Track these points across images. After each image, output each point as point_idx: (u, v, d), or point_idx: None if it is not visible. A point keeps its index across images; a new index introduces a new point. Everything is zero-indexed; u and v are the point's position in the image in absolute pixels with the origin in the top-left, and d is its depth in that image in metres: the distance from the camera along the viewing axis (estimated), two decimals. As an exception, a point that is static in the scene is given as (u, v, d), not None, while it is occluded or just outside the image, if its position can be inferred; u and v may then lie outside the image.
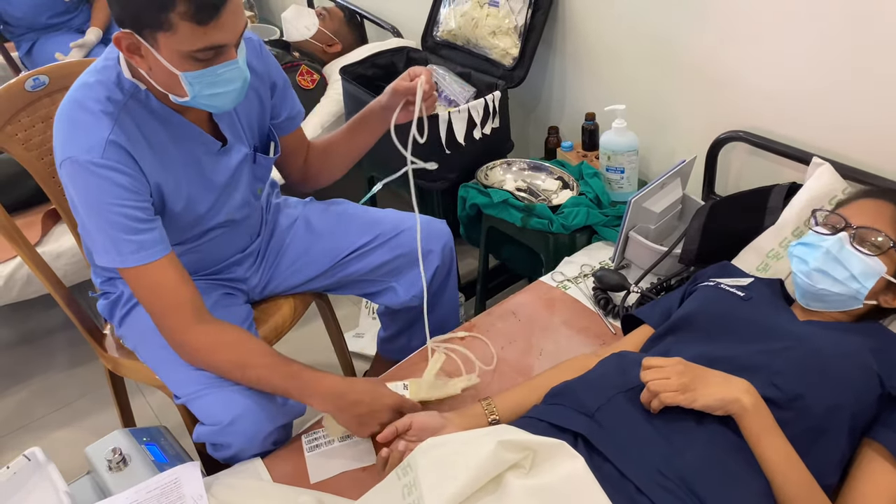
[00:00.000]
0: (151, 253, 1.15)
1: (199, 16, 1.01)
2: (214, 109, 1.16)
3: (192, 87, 1.09)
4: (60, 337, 2.28)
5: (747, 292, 1.18)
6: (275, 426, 1.21)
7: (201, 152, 1.25)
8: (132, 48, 1.07)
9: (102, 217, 1.12)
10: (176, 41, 1.03)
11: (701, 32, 1.67)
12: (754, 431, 0.95)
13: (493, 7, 2.05)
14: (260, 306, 1.53)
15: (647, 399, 0.99)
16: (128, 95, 1.15)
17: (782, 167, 1.62)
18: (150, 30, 1.03)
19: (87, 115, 1.12)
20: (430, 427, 1.10)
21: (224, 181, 1.29)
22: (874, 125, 1.44)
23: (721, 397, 0.95)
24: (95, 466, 1.22)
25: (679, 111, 1.81)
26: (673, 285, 1.50)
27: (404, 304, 1.55)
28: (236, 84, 1.13)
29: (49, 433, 1.95)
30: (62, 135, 1.13)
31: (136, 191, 1.14)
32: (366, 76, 2.16)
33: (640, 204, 1.56)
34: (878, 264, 1.08)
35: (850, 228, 1.10)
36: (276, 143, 1.40)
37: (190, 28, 1.02)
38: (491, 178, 1.90)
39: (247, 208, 1.40)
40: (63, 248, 1.90)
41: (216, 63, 1.08)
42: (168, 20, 1.01)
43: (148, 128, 1.17)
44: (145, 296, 1.18)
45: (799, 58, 1.51)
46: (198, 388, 1.21)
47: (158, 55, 1.05)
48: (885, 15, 1.34)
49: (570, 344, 1.43)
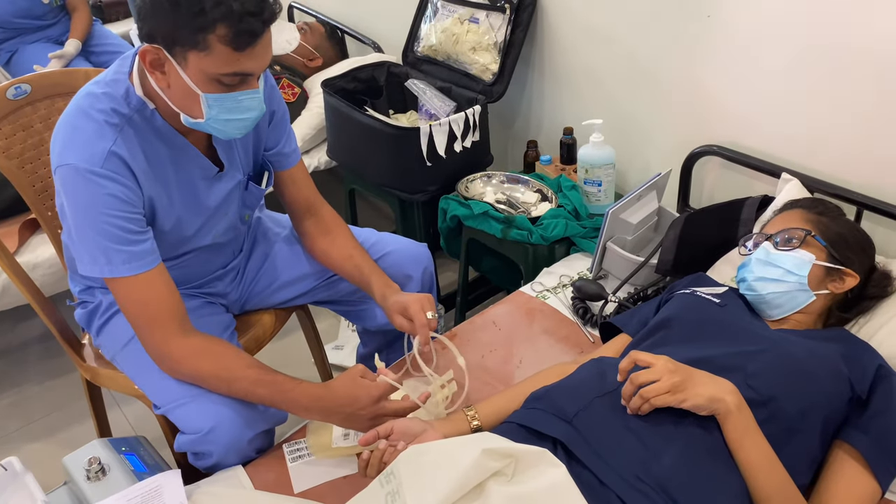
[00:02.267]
0: (142, 264, 1.15)
1: (237, 41, 1.03)
2: (223, 135, 1.17)
3: (210, 110, 1.10)
4: (34, 350, 2.25)
5: (722, 299, 1.22)
6: (254, 433, 1.21)
7: (198, 176, 1.25)
8: (155, 63, 1.08)
9: (95, 226, 1.12)
10: (207, 63, 1.05)
11: (676, 50, 1.72)
12: (737, 432, 0.97)
13: (474, 24, 2.09)
14: (241, 317, 1.53)
15: (636, 405, 0.99)
16: (134, 110, 1.15)
17: (754, 180, 1.66)
18: (183, 48, 1.04)
19: (91, 124, 1.12)
20: (411, 431, 1.10)
21: (215, 205, 1.30)
22: (841, 140, 1.49)
23: (709, 396, 0.96)
24: (73, 476, 1.20)
25: (655, 126, 1.86)
26: (650, 295, 1.53)
27: (380, 328, 1.56)
28: (253, 114, 1.14)
29: (23, 446, 1.91)
30: (63, 140, 1.12)
31: (131, 202, 1.14)
32: (347, 90, 2.18)
33: (618, 215, 1.59)
34: (805, 254, 1.17)
35: (770, 238, 1.22)
36: (269, 173, 1.40)
37: (226, 52, 1.04)
38: (471, 191, 1.92)
39: (232, 232, 1.41)
40: (40, 258, 1.88)
41: (239, 90, 1.10)
42: (205, 41, 1.02)
43: (149, 145, 1.17)
44: (131, 307, 1.18)
45: (771, 76, 1.56)
46: (177, 398, 1.21)
47: (184, 73, 1.07)
48: (851, 38, 1.40)
49: (550, 352, 1.45)
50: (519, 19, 1.99)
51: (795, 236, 1.19)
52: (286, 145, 1.39)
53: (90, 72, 1.50)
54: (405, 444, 1.07)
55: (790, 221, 1.24)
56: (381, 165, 1.99)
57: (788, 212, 1.28)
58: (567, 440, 1.00)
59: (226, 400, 1.19)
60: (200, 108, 1.10)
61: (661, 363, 0.98)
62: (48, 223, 1.48)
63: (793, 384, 1.03)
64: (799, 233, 1.19)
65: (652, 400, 0.97)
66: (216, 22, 1.01)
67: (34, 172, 1.45)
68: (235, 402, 1.20)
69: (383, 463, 1.07)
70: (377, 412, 1.15)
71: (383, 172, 2.00)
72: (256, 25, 1.04)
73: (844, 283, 1.18)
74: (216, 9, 1.00)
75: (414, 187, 1.96)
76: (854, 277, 1.18)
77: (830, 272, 1.18)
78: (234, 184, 1.32)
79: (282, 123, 1.37)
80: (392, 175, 1.97)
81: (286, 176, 1.42)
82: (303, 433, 1.28)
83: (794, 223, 1.22)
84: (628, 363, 1.01)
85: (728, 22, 1.59)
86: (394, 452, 1.07)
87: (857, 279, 1.19)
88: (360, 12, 2.70)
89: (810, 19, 1.45)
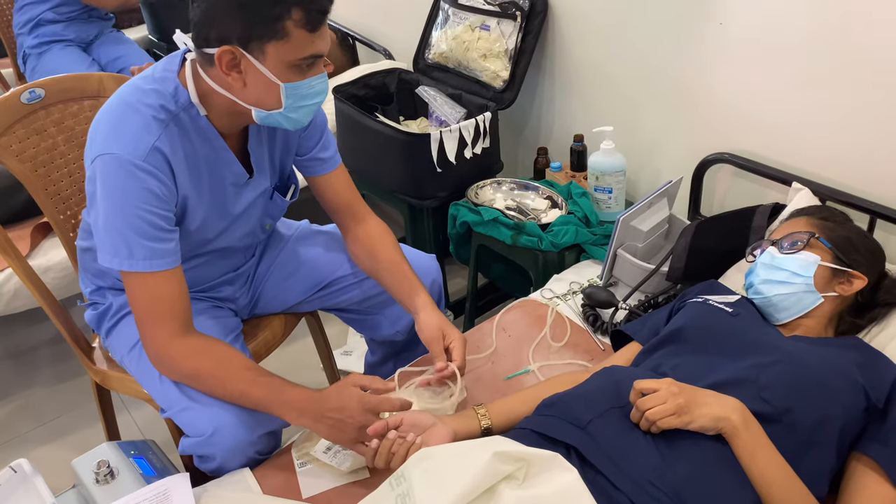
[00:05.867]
0: (162, 262, 1.16)
1: (312, 22, 1.08)
2: (292, 124, 1.19)
3: (288, 99, 1.13)
4: (44, 353, 2.26)
5: (735, 308, 1.21)
6: (255, 436, 1.20)
7: (228, 181, 1.27)
8: (231, 64, 1.10)
9: (126, 218, 1.12)
10: (287, 50, 1.08)
11: (688, 57, 1.72)
12: (747, 448, 0.96)
13: (485, 31, 2.09)
14: (251, 321, 1.53)
15: (645, 427, 0.99)
16: (181, 108, 1.17)
17: (766, 188, 1.66)
18: (261, 41, 1.07)
19: (138, 117, 1.13)
20: (420, 424, 1.10)
21: (239, 212, 1.31)
22: (854, 149, 1.48)
23: (714, 416, 0.97)
24: (82, 479, 1.20)
25: (666, 133, 1.85)
26: (660, 302, 1.52)
27: (387, 339, 1.56)
28: (321, 97, 1.19)
29: (33, 449, 1.92)
30: (106, 130, 1.14)
31: (166, 199, 1.15)
32: (358, 96, 2.19)
33: (629, 222, 1.58)
34: (810, 255, 1.18)
35: (772, 244, 1.24)
36: (296, 186, 1.42)
37: (302, 35, 1.08)
38: (481, 197, 1.92)
39: (250, 238, 1.41)
40: (52, 262, 1.89)
41: (311, 75, 1.14)
42: (284, 28, 1.06)
43: (190, 144, 1.19)
44: (141, 303, 1.18)
45: (784, 84, 1.56)
46: (182, 401, 1.21)
47: (263, 67, 1.09)
48: (865, 47, 1.39)
49: (560, 359, 1.44)
50: (530, 27, 1.99)
51: (799, 239, 1.21)
52: (322, 150, 1.40)
53: (104, 77, 1.52)
54: (414, 435, 1.07)
55: (795, 227, 1.25)
56: (392, 171, 1.99)
57: (794, 219, 1.29)
58: (581, 446, 0.99)
59: (227, 404, 1.19)
60: (278, 99, 1.13)
61: (664, 387, 0.99)
62: (60, 227, 1.49)
63: (807, 395, 1.01)
64: (802, 236, 1.21)
65: (658, 423, 0.97)
66: (291, 7, 1.05)
67: (47, 176, 1.46)
68: (236, 406, 1.19)
69: (391, 453, 1.07)
70: (366, 422, 1.12)
71: (393, 178, 2.00)
72: (326, 2, 1.09)
73: (852, 284, 1.18)
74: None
75: (424, 193, 1.96)
76: (862, 279, 1.18)
77: (837, 273, 1.18)
78: (259, 192, 1.33)
79: (317, 129, 1.39)
80: (402, 181, 1.98)
81: (325, 181, 1.43)
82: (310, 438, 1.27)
83: (798, 228, 1.24)
84: (635, 395, 1.01)
85: (740, 29, 1.59)
86: (403, 443, 1.06)
87: (865, 281, 1.18)
88: (372, 20, 2.71)
89: (824, 28, 1.45)
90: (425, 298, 1.35)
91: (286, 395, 1.16)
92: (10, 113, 1.39)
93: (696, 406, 0.97)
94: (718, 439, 0.98)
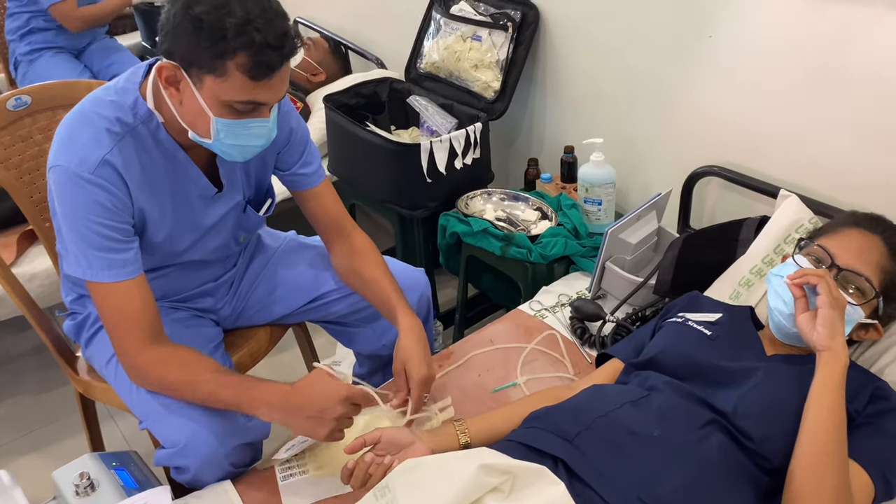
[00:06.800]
0: (121, 272, 1.15)
1: (255, 72, 1.04)
2: (228, 157, 1.17)
3: (219, 133, 1.11)
4: (28, 361, 2.24)
5: (714, 330, 1.19)
6: (228, 448, 1.19)
7: (195, 194, 1.25)
8: (171, 80, 1.09)
9: (78, 230, 1.12)
10: (223, 88, 1.06)
11: (678, 71, 1.72)
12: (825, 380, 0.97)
13: (476, 41, 2.09)
14: (236, 332, 1.52)
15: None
16: (139, 121, 1.15)
17: (754, 201, 1.66)
18: (200, 70, 1.05)
19: (91, 130, 1.12)
20: (399, 442, 1.09)
21: (210, 224, 1.30)
22: (841, 163, 1.49)
23: (841, 339, 0.99)
24: (62, 491, 1.19)
25: (656, 145, 1.85)
26: (648, 315, 1.52)
27: (373, 353, 1.55)
28: (260, 141, 1.15)
29: (15, 459, 1.90)
30: (61, 141, 1.13)
31: (118, 211, 1.14)
32: (349, 105, 2.18)
33: (617, 235, 1.58)
34: (859, 312, 1.07)
35: (834, 268, 1.08)
36: (272, 201, 1.40)
37: (242, 80, 1.05)
38: (471, 208, 1.92)
39: (224, 251, 1.40)
40: (37, 269, 1.87)
41: (250, 117, 1.11)
42: (223, 67, 1.03)
43: (149, 157, 1.18)
44: (107, 313, 1.17)
45: (772, 97, 1.56)
46: (156, 411, 1.20)
47: (198, 94, 1.07)
48: (852, 60, 1.40)
49: (547, 372, 1.44)
50: (521, 37, 2.00)
51: (862, 289, 1.07)
52: (304, 166, 1.38)
53: (92, 83, 1.50)
54: (392, 457, 1.06)
55: (862, 254, 1.09)
56: (382, 181, 1.98)
57: (864, 235, 1.12)
58: (568, 458, 0.98)
59: (199, 414, 1.18)
60: (209, 129, 1.11)
61: (829, 287, 1.02)
62: (45, 235, 1.48)
63: (784, 423, 1.01)
64: (869, 289, 1.07)
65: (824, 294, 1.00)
66: (236, 50, 1.02)
67: (32, 184, 1.45)
68: (207, 417, 1.18)
69: (368, 475, 1.05)
70: (344, 413, 1.11)
71: (384, 188, 1.99)
72: (275, 58, 1.05)
73: (868, 333, 1.13)
74: (238, 38, 1.01)
75: (414, 203, 1.95)
76: (880, 333, 1.13)
77: (865, 325, 1.11)
78: (231, 205, 1.32)
79: (298, 145, 1.36)
80: (392, 191, 1.97)
81: (309, 195, 1.41)
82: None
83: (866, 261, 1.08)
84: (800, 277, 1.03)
85: (730, 43, 1.59)
86: (380, 466, 1.05)
87: (881, 334, 1.13)
88: (364, 28, 2.72)
89: (811, 41, 1.45)
90: (403, 320, 1.30)
91: (255, 391, 1.14)
92: (-5, 120, 1.38)
93: (840, 318, 1.00)
94: (714, 455, 0.97)
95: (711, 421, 1.03)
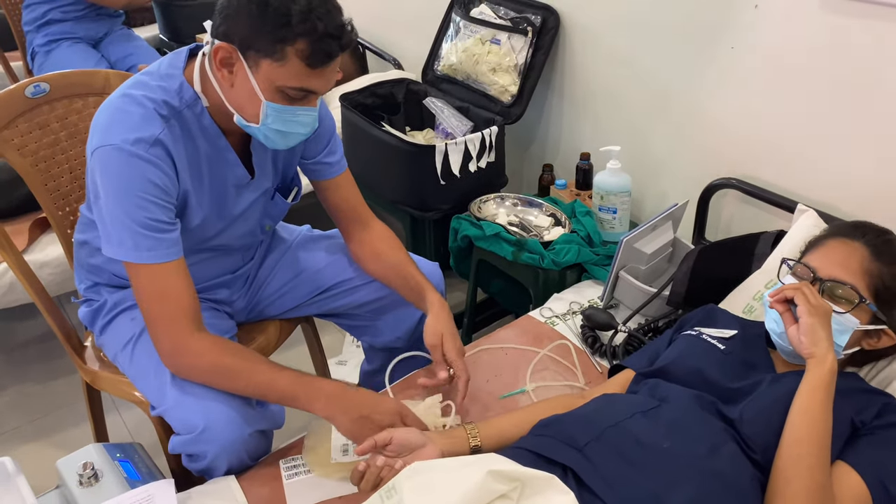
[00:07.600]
0: (166, 254, 1.15)
1: (313, 59, 1.07)
2: (269, 144, 1.18)
3: (267, 118, 1.12)
4: (36, 349, 2.24)
5: (727, 345, 1.17)
6: (246, 433, 1.18)
7: (230, 181, 1.26)
8: (225, 61, 1.10)
9: (128, 208, 1.12)
10: (279, 73, 1.08)
11: (699, 81, 1.71)
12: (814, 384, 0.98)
13: (495, 45, 2.09)
14: (245, 327, 1.52)
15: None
16: (185, 105, 1.16)
17: (772, 215, 1.64)
18: (258, 53, 1.07)
19: (141, 110, 1.13)
20: (410, 444, 1.08)
21: (239, 212, 1.30)
22: (862, 178, 1.47)
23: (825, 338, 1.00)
24: (66, 481, 1.18)
25: (673, 155, 1.84)
26: (661, 327, 1.50)
27: (386, 345, 1.54)
28: (305, 129, 1.17)
29: (20, 445, 1.90)
30: (108, 122, 1.13)
31: (168, 191, 1.15)
32: (365, 105, 2.18)
33: (632, 244, 1.57)
34: (850, 319, 1.06)
35: (817, 282, 1.08)
36: (298, 189, 1.41)
37: (298, 66, 1.07)
38: (484, 211, 1.91)
39: (249, 238, 1.41)
40: (49, 257, 1.88)
41: (299, 105, 1.13)
42: (283, 52, 1.06)
43: (192, 142, 1.19)
44: (153, 296, 1.16)
45: (793, 111, 1.54)
46: (174, 396, 1.19)
47: (252, 78, 1.09)
48: (874, 75, 1.38)
49: (556, 380, 1.42)
50: (540, 42, 1.99)
51: (847, 296, 1.06)
52: (329, 155, 1.40)
53: (110, 74, 1.51)
54: (403, 462, 1.05)
55: (844, 262, 1.08)
56: (395, 182, 1.98)
57: (845, 242, 1.11)
58: (577, 467, 0.97)
59: (220, 398, 1.17)
60: (257, 114, 1.12)
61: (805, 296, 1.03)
62: (58, 223, 1.48)
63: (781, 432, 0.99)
64: (853, 294, 1.06)
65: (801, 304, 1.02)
66: (298, 36, 1.04)
67: (47, 171, 1.45)
68: (230, 400, 1.18)
69: (379, 478, 1.05)
70: (390, 424, 1.14)
71: (396, 189, 1.99)
72: (334, 47, 1.07)
73: (881, 340, 1.11)
74: (301, 24, 1.04)
75: (426, 205, 1.95)
76: (892, 338, 1.10)
77: (869, 332, 1.10)
78: (260, 192, 1.32)
79: (325, 134, 1.38)
80: (405, 192, 1.96)
81: (330, 185, 1.43)
82: (299, 448, 1.25)
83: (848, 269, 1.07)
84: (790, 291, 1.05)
85: (752, 54, 1.58)
86: (391, 471, 1.04)
87: (895, 340, 1.11)
88: (383, 29, 2.72)
89: (835, 54, 1.44)
90: (433, 298, 1.35)
91: (315, 382, 1.18)
92: (13, 107, 1.38)
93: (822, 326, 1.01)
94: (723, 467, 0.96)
95: (723, 431, 1.02)
